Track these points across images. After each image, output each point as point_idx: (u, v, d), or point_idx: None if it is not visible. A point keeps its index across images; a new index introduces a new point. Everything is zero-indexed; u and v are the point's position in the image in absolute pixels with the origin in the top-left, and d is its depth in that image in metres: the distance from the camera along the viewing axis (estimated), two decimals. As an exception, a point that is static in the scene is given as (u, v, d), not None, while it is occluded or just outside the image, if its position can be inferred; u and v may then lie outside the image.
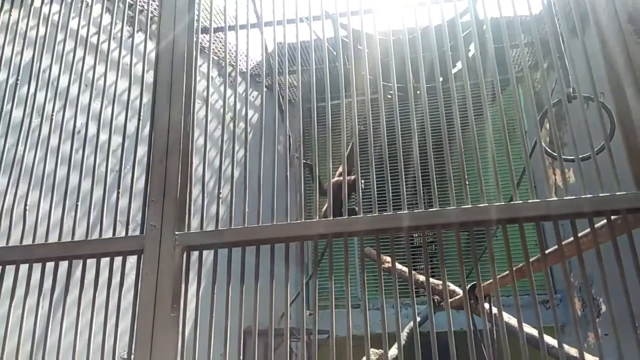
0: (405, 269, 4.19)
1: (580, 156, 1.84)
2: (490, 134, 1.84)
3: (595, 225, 1.70)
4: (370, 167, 1.88)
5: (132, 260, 1.87)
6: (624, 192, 1.55)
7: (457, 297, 4.11)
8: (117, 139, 2.15)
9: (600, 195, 1.57)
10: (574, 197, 1.58)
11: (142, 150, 2.01)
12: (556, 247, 1.97)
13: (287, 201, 1.83)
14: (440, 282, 3.59)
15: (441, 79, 2.15)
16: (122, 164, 2.05)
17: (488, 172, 1.77)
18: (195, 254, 1.83)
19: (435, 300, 4.22)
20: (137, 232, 1.87)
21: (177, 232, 1.77)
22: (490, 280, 3.19)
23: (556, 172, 5.69)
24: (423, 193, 1.79)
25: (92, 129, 2.16)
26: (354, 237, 1.76)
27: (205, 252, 1.83)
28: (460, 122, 1.87)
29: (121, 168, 1.99)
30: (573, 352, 2.64)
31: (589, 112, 1.98)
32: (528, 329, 2.87)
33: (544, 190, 5.30)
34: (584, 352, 2.31)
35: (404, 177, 1.86)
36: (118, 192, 1.96)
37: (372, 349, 3.06)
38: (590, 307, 1.75)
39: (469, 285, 3.71)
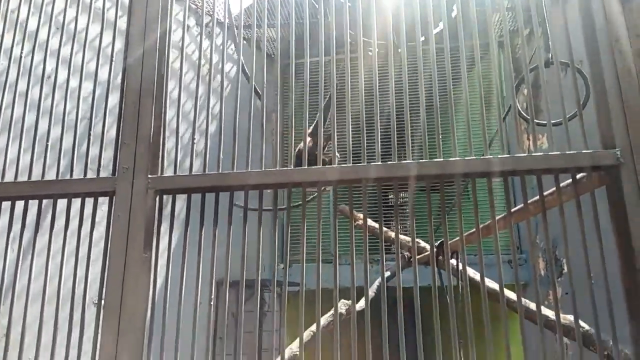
0: (377, 225, 4.25)
1: (552, 121, 1.88)
2: (466, 90, 1.86)
3: (561, 185, 1.76)
4: (347, 117, 1.89)
5: (103, 208, 1.85)
6: (590, 150, 1.60)
7: (425, 253, 4.21)
8: (88, 86, 2.09)
9: (567, 152, 1.62)
10: (541, 153, 1.63)
11: (114, 98, 1.96)
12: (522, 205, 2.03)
13: (262, 151, 1.83)
14: (410, 239, 3.68)
15: (422, 39, 2.15)
16: (94, 110, 2.00)
17: (461, 128, 1.79)
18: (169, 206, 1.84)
19: (405, 256, 4.31)
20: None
21: (150, 175, 1.76)
22: (458, 238, 3.29)
23: (530, 138, 5.80)
24: (397, 147, 1.81)
25: (63, 75, 2.10)
26: (328, 186, 1.78)
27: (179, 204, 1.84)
28: (438, 80, 1.88)
29: (92, 114, 1.95)
30: (533, 306, 2.76)
31: (568, 79, 2.01)
32: (493, 284, 2.98)
33: (516, 154, 5.43)
34: (544, 307, 2.43)
35: (379, 130, 1.88)
36: (89, 137, 1.93)
37: (342, 300, 3.15)
38: (552, 266, 1.83)
39: (437, 243, 3.81)
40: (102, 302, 1.72)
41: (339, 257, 1.85)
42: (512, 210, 1.95)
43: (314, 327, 1.97)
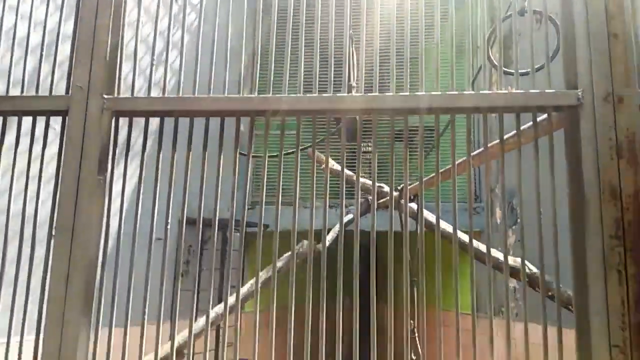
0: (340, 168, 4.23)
1: (520, 71, 1.87)
2: (438, 37, 1.82)
3: (522, 127, 1.77)
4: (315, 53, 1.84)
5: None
6: (553, 90, 1.61)
7: (386, 198, 4.25)
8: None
9: (530, 91, 1.62)
10: (505, 91, 1.63)
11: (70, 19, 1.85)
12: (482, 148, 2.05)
13: (225, 76, 1.76)
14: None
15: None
16: (45, 28, 1.87)
17: (431, 63, 1.77)
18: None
19: (368, 199, 4.34)
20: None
21: (105, 96, 1.69)
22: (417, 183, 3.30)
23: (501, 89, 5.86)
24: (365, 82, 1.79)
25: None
26: (292, 116, 1.75)
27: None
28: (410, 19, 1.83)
29: (44, 31, 1.83)
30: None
31: (542, 30, 1.99)
32: (450, 228, 3.02)
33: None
34: (496, 251, 2.51)
35: (349, 60, 1.85)
36: (41, 56, 1.82)
37: (304, 240, 3.18)
38: (504, 213, 1.88)
39: (400, 186, 3.85)
40: (54, 224, 1.68)
41: (304, 200, 1.84)
42: (472, 154, 1.97)
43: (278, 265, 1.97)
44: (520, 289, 4.46)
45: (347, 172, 4.23)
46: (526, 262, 1.87)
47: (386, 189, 3.87)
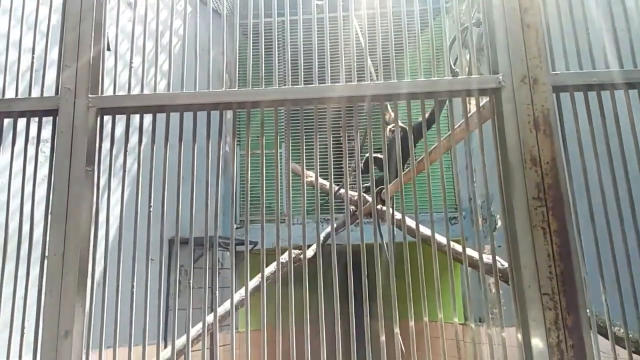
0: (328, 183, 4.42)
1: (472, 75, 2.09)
2: (420, 47, 2.06)
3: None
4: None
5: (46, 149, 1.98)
6: (478, 76, 1.87)
7: (368, 203, 4.49)
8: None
9: (459, 77, 1.88)
10: (438, 78, 1.88)
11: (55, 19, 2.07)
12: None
13: (195, 72, 2.00)
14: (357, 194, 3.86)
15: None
16: (36, 30, 2.09)
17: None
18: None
19: (351, 210, 4.60)
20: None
21: (90, 95, 1.91)
22: (397, 180, 3.50)
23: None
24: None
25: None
26: (257, 108, 1.98)
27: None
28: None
29: (35, 36, 2.05)
30: (470, 254, 3.11)
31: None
32: (428, 232, 3.19)
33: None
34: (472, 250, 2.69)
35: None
36: (32, 60, 2.04)
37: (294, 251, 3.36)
38: (476, 215, 2.11)
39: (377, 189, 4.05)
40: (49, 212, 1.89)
41: (292, 217, 2.01)
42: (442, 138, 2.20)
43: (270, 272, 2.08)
44: (503, 295, 4.68)
45: (322, 182, 4.44)
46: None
47: (367, 197, 4.05)
